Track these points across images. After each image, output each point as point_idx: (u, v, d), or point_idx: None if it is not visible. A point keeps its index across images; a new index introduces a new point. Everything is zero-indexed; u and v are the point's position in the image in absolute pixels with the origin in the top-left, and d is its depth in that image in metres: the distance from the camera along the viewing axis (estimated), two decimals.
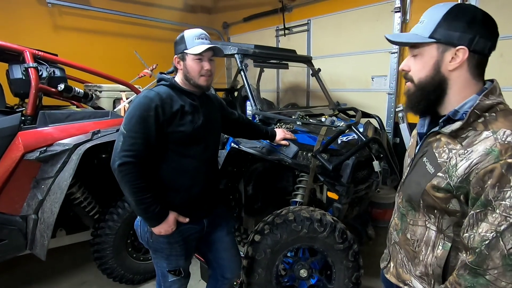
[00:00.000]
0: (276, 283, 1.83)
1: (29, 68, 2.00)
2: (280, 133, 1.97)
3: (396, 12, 3.19)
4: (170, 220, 1.34)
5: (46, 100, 2.32)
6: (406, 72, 0.86)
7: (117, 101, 2.91)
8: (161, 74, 1.42)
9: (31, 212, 1.88)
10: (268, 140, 1.99)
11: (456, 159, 0.75)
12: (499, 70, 2.56)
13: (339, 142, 2.05)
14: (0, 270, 2.56)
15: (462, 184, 0.73)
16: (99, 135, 2.02)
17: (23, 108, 2.20)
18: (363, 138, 2.00)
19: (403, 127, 3.35)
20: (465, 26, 0.74)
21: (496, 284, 0.68)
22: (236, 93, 3.90)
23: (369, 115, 2.83)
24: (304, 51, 4.13)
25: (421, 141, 0.92)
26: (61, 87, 2.15)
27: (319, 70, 3.14)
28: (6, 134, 1.81)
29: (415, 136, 0.99)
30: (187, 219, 1.40)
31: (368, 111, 2.87)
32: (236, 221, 2.67)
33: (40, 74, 2.06)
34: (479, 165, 0.70)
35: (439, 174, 0.78)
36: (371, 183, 2.12)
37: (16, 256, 1.96)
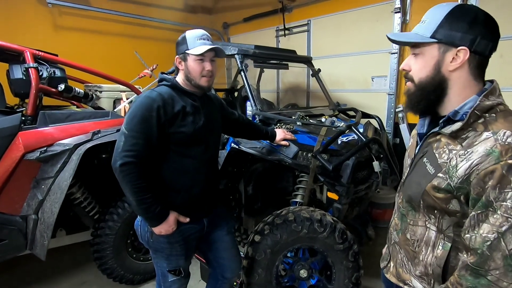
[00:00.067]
0: (276, 283, 1.83)
1: (29, 68, 2.00)
2: (280, 133, 1.98)
3: (396, 12, 3.19)
4: (170, 220, 1.34)
5: (46, 100, 2.32)
6: (406, 71, 0.86)
7: (117, 101, 2.91)
8: (162, 74, 1.42)
9: (31, 212, 1.88)
10: (268, 141, 1.99)
11: (457, 160, 0.75)
12: (499, 71, 2.56)
13: (339, 142, 2.05)
14: (0, 270, 2.55)
15: (462, 184, 0.74)
16: (99, 135, 2.03)
17: (23, 108, 2.20)
18: (363, 138, 2.00)
19: (403, 128, 3.35)
20: (466, 27, 0.74)
21: (498, 285, 0.69)
22: (236, 93, 3.90)
23: (369, 116, 2.83)
24: (304, 52, 4.13)
25: (421, 141, 0.92)
26: (61, 87, 2.16)
27: (319, 70, 3.14)
28: (6, 134, 1.81)
29: (415, 136, 0.99)
30: (187, 219, 1.41)
31: (368, 112, 2.87)
32: (236, 221, 2.67)
33: (40, 74, 2.06)
34: (479, 166, 0.70)
35: (440, 174, 0.79)
36: (371, 184, 2.12)
37: (16, 256, 1.96)
